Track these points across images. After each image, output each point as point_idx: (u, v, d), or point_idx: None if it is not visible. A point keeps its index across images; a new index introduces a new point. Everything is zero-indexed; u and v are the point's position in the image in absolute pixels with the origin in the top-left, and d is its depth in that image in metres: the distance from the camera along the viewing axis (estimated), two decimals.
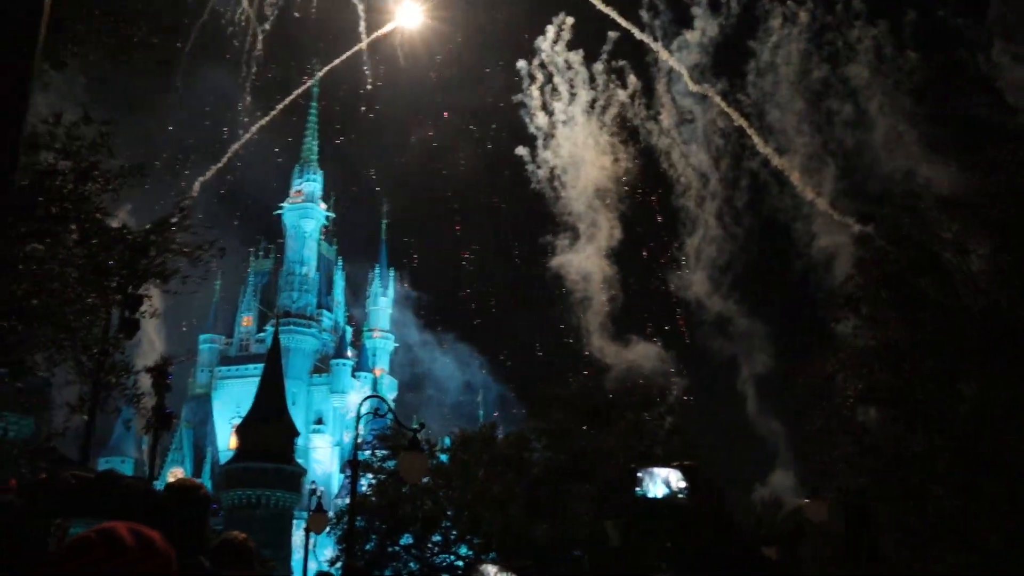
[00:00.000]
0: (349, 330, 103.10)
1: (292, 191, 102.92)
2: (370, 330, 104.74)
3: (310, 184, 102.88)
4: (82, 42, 15.43)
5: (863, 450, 28.11)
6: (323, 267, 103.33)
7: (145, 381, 23.30)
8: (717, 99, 64.46)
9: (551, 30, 67.15)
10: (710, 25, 64.63)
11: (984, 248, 26.82)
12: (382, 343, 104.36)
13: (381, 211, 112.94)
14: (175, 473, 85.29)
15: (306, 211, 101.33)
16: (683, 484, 44.29)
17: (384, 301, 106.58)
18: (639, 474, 41.73)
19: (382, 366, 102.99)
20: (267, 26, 63.84)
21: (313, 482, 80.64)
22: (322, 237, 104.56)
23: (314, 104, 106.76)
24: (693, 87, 65.42)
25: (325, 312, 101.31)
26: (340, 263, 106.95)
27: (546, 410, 50.06)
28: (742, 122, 63.83)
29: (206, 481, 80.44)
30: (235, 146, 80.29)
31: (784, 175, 64.08)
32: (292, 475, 70.19)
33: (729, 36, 65.26)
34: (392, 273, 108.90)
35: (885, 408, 27.19)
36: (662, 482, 45.35)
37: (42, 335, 16.27)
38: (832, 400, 29.32)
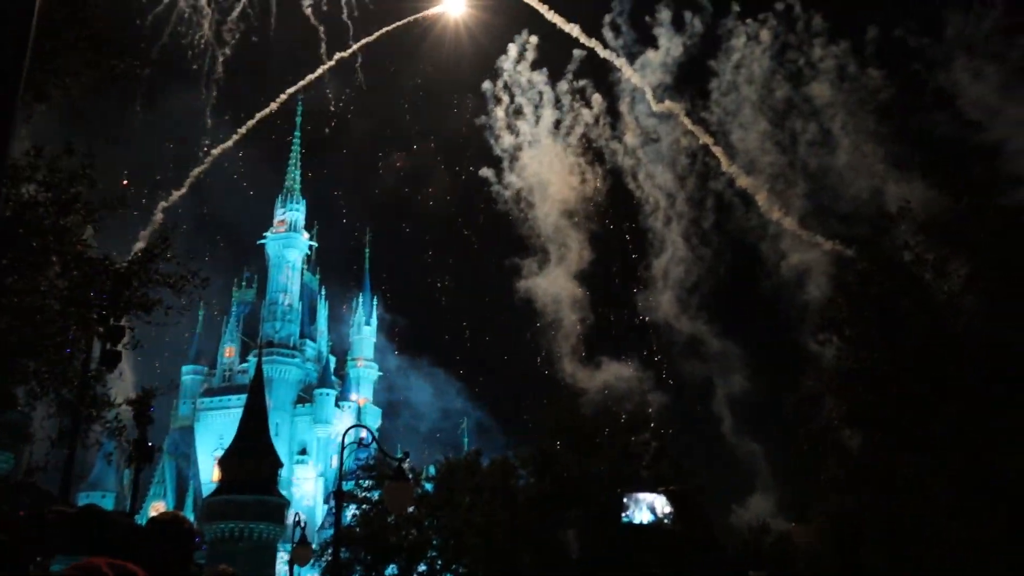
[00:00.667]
0: (333, 359, 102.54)
1: (275, 220, 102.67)
2: (353, 359, 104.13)
3: (293, 213, 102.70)
4: (65, 73, 15.39)
5: (850, 473, 28.12)
6: (306, 296, 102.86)
7: (126, 413, 23.06)
8: (682, 117, 65.07)
9: (513, 49, 67.65)
10: (674, 44, 65.36)
11: (964, 268, 27.06)
12: (366, 372, 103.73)
13: (364, 240, 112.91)
14: (157, 507, 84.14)
15: (289, 241, 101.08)
16: (669, 509, 44.10)
17: (367, 330, 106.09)
18: (625, 500, 41.54)
19: (366, 395, 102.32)
20: (227, 50, 63.56)
21: (297, 513, 79.70)
22: (305, 266, 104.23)
23: (297, 133, 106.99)
24: (656, 106, 65.96)
25: (308, 342, 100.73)
26: (323, 292, 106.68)
27: (533, 436, 49.95)
28: (707, 139, 64.36)
29: (188, 514, 79.51)
30: (197, 170, 79.79)
31: (750, 195, 64.65)
32: (275, 507, 69.39)
33: (693, 56, 66.06)
34: (375, 301, 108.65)
35: (871, 431, 27.24)
36: (648, 508, 45.17)
37: (23, 368, 16.07)
38: (818, 422, 29.34)
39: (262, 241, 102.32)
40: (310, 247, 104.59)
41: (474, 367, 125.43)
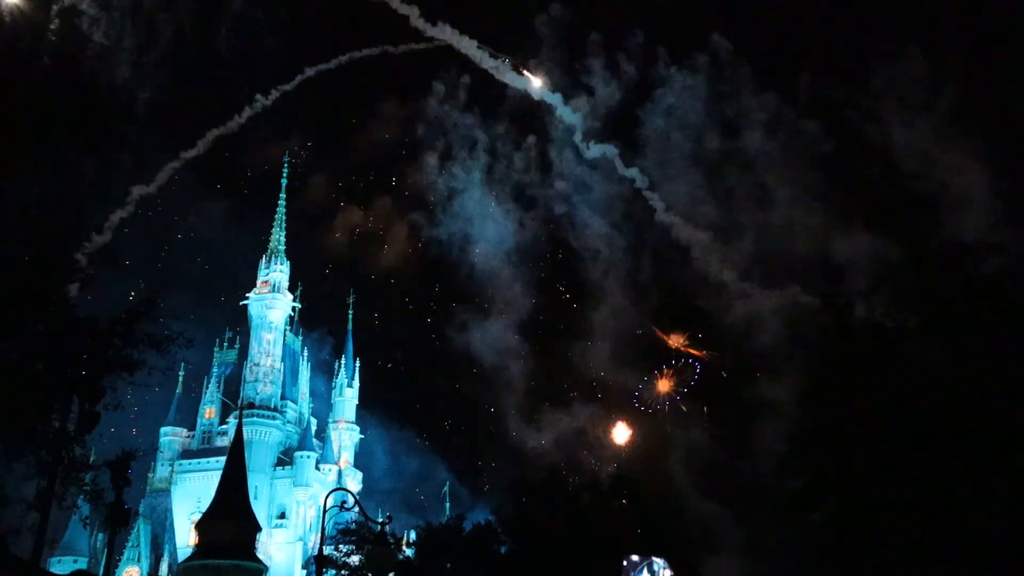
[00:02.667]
0: (314, 422, 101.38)
1: (259, 281, 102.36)
2: (335, 421, 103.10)
3: (277, 274, 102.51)
4: (58, 138, 15.51)
5: (832, 535, 27.97)
6: (288, 358, 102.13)
7: (103, 475, 22.69)
8: (616, 162, 65.39)
9: (441, 87, 67.85)
10: (607, 92, 65.91)
11: (930, 331, 27.34)
12: (347, 434, 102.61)
13: (347, 301, 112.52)
14: (130, 572, 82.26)
15: (272, 302, 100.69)
16: (669, 573, 43.61)
17: (350, 392, 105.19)
18: (624, 563, 41.04)
19: (347, 458, 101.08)
20: (146, 92, 63.02)
21: None
22: (288, 327, 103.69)
23: (283, 196, 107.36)
24: (589, 152, 66.33)
25: (289, 403, 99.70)
26: (306, 353, 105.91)
27: (502, 498, 49.55)
28: (640, 185, 64.63)
29: None
30: (117, 215, 78.75)
31: (686, 246, 64.75)
32: (253, 572, 68.06)
33: (626, 104, 66.63)
34: (358, 363, 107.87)
35: (852, 492, 27.18)
36: (647, 570, 44.65)
37: (1, 429, 15.87)
38: (796, 484, 29.27)
39: (245, 302, 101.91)
40: (293, 308, 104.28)
41: (434, 426, 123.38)
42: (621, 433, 69.05)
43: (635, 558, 43.62)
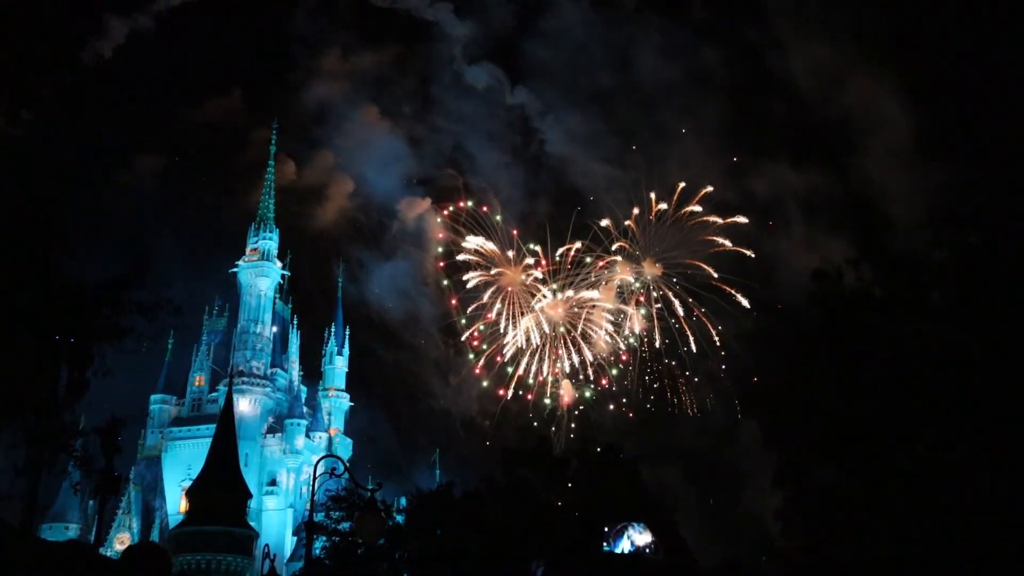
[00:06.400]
0: (304, 389, 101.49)
1: (248, 248, 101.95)
2: (325, 389, 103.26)
3: (266, 242, 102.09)
4: (31, 74, 15.16)
5: (821, 506, 28.16)
6: (278, 325, 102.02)
7: (94, 442, 22.64)
8: (505, 90, 64.15)
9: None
10: (501, 13, 65.00)
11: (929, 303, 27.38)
12: (337, 402, 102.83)
13: (338, 269, 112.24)
14: (121, 538, 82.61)
15: (261, 269, 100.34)
16: (650, 539, 44.00)
17: (340, 360, 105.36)
18: (605, 529, 41.30)
19: (337, 426, 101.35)
20: None
21: (266, 546, 78.44)
22: (277, 295, 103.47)
23: (271, 163, 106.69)
24: (472, 77, 65.56)
25: (279, 371, 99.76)
26: (295, 321, 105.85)
27: (504, 466, 49.72)
28: (535, 116, 64.06)
29: None
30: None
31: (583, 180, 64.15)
32: (244, 538, 68.33)
33: (512, 31, 65.52)
34: (348, 331, 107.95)
35: (845, 462, 27.32)
36: (628, 538, 45.11)
37: None
38: (787, 455, 29.38)
39: (234, 269, 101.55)
40: (283, 276, 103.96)
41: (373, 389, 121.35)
42: (567, 391, 69.07)
43: (618, 525, 43.86)
